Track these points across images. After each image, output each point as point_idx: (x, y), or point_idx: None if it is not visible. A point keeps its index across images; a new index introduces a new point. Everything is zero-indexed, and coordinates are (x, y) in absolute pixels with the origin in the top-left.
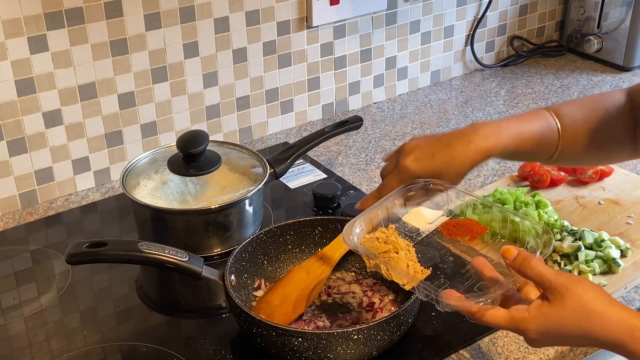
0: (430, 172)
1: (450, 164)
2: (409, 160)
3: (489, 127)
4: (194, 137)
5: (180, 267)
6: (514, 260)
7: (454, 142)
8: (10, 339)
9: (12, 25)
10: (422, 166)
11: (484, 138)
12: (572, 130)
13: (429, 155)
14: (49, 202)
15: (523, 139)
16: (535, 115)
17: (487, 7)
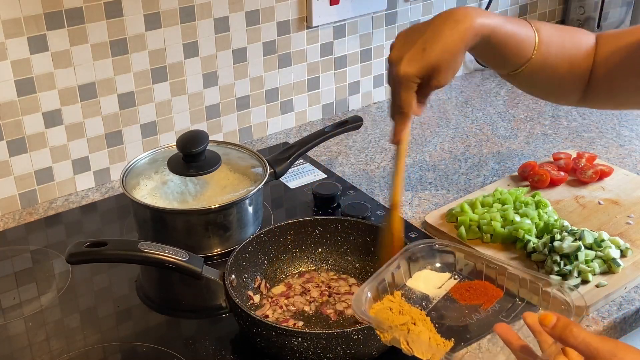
0: (427, 68)
1: (444, 51)
2: (403, 67)
3: (477, 10)
4: (194, 137)
5: (180, 267)
6: (554, 328)
7: (441, 26)
8: (10, 339)
9: (12, 25)
10: (417, 66)
11: (470, 15)
12: (546, 53)
13: (420, 51)
14: (49, 202)
15: (507, 32)
16: (518, 20)
17: (487, 7)
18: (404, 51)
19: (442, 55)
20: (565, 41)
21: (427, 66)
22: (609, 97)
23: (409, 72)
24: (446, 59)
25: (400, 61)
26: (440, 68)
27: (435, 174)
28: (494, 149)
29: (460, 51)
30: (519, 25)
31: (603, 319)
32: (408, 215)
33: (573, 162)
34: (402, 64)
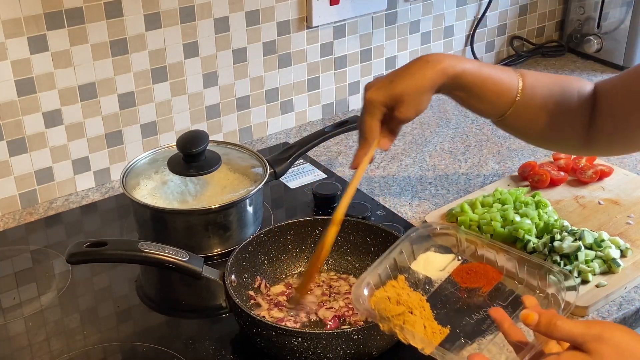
0: (391, 97)
1: (409, 84)
2: (369, 93)
3: (453, 55)
4: (194, 137)
5: (180, 267)
6: (538, 325)
7: (411, 65)
8: (10, 339)
9: (12, 25)
10: (382, 94)
11: (442, 58)
12: (531, 96)
13: (388, 82)
14: (49, 202)
15: (482, 75)
16: (500, 67)
17: (487, 7)
18: (375, 82)
19: (407, 88)
20: (553, 84)
21: (391, 95)
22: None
23: (373, 98)
24: (410, 92)
25: (370, 89)
26: (404, 99)
27: (435, 174)
28: (494, 149)
29: (425, 87)
30: (500, 71)
31: (603, 319)
32: (408, 215)
33: (573, 162)
34: (370, 90)
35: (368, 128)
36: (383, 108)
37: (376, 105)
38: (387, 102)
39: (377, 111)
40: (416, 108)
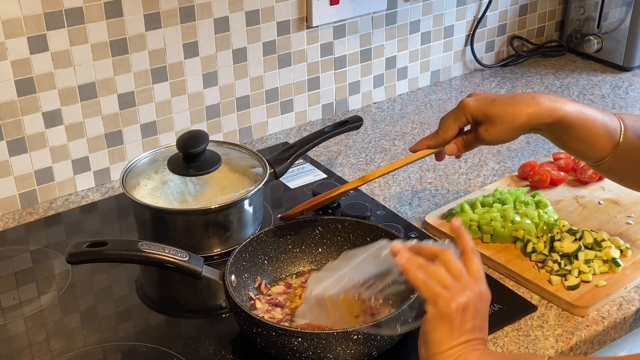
0: (485, 113)
1: (508, 110)
2: (467, 99)
3: (554, 95)
4: (194, 137)
5: (180, 267)
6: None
7: (518, 95)
8: (10, 339)
9: (12, 25)
10: (478, 105)
11: (548, 99)
12: (633, 139)
13: (490, 99)
14: (49, 202)
15: (585, 118)
16: (600, 109)
17: (487, 7)
18: (479, 94)
19: (505, 113)
20: None
21: (485, 111)
22: None
23: (468, 104)
24: (505, 117)
25: (471, 96)
26: (495, 121)
27: (435, 174)
28: (494, 149)
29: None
30: (599, 112)
31: (603, 319)
32: (408, 215)
33: (573, 162)
34: (469, 97)
35: (446, 126)
36: (470, 118)
37: (466, 112)
38: (478, 115)
39: (464, 117)
40: (502, 136)
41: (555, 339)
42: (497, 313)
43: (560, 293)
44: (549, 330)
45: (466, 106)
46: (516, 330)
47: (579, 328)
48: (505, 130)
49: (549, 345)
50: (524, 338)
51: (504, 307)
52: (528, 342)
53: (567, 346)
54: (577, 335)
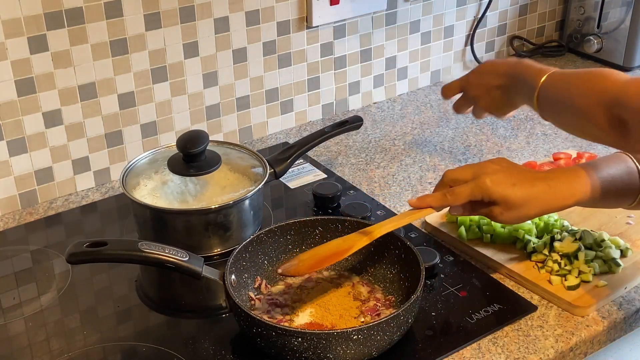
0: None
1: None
2: (489, 180)
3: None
4: (194, 137)
5: (180, 267)
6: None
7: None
8: (10, 339)
9: (12, 25)
10: (498, 191)
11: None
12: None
13: (509, 184)
14: (49, 202)
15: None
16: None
17: (487, 7)
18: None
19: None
20: None
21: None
22: None
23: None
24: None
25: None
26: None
27: (435, 174)
28: (494, 149)
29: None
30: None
31: (603, 319)
32: None
33: (573, 162)
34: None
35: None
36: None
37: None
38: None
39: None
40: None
41: (555, 339)
42: (497, 313)
43: (560, 293)
44: (549, 330)
45: (485, 188)
46: (516, 330)
47: (579, 328)
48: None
49: (549, 345)
50: (524, 338)
51: (504, 307)
52: (528, 342)
53: (567, 346)
54: (577, 335)
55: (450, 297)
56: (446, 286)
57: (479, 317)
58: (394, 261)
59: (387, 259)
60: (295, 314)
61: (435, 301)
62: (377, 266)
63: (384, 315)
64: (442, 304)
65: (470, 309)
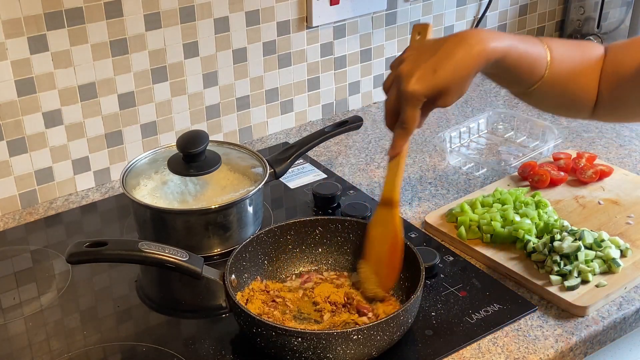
0: (436, 89)
1: (455, 75)
2: (411, 85)
3: (490, 33)
4: (194, 137)
5: (180, 267)
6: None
7: (454, 50)
8: (10, 339)
9: (12, 25)
10: (426, 87)
11: (483, 39)
12: (557, 72)
13: (431, 72)
14: (49, 202)
15: (520, 54)
16: (531, 39)
17: (487, 7)
18: (414, 68)
19: (453, 79)
20: (576, 57)
21: (436, 87)
22: (614, 109)
23: (417, 91)
24: (456, 82)
25: (410, 78)
26: (449, 91)
27: (435, 174)
28: (493, 149)
29: (470, 75)
30: (531, 45)
31: (603, 319)
32: (408, 215)
33: (573, 162)
34: (411, 81)
35: (410, 118)
36: (425, 98)
37: (419, 97)
38: (430, 94)
39: (420, 102)
40: (460, 95)
41: (555, 339)
42: (497, 313)
43: (560, 293)
44: (549, 330)
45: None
46: (516, 330)
47: (578, 328)
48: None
49: (549, 345)
50: (523, 338)
51: (504, 307)
52: (528, 342)
53: (567, 346)
54: (577, 335)
55: (450, 297)
56: (446, 286)
57: (479, 317)
58: None
59: None
60: None
61: (435, 301)
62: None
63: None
64: (442, 304)
65: (470, 309)
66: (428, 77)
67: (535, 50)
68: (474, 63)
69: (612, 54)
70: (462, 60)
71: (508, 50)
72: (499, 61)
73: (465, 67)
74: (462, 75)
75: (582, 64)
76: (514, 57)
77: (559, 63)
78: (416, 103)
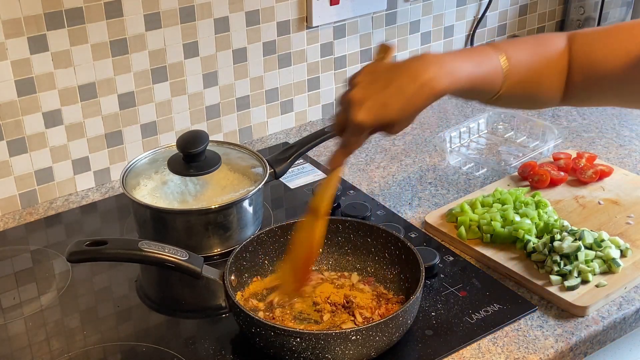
0: (384, 123)
1: (405, 110)
2: (360, 115)
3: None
4: (194, 137)
5: (180, 266)
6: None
7: (406, 85)
8: (10, 339)
9: (12, 25)
10: (374, 119)
11: (439, 79)
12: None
13: (381, 105)
14: (49, 202)
15: (473, 80)
16: (485, 55)
17: (487, 7)
18: (364, 97)
19: (402, 114)
20: (534, 59)
21: (383, 120)
22: (588, 97)
23: (364, 122)
24: (404, 118)
25: (359, 107)
26: (395, 124)
27: (435, 174)
28: (494, 149)
29: (418, 111)
30: (486, 64)
31: (603, 319)
32: (408, 215)
33: (573, 162)
34: (360, 111)
35: (353, 143)
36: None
37: (365, 128)
38: (377, 125)
39: (364, 131)
40: (406, 126)
41: (555, 339)
42: (497, 313)
43: (560, 293)
44: (549, 330)
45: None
46: (516, 330)
47: (578, 328)
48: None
49: (549, 345)
50: (523, 338)
51: (504, 307)
52: (528, 342)
53: (567, 346)
54: (577, 335)
55: (450, 297)
56: (446, 286)
57: (478, 317)
58: (394, 261)
59: (387, 259)
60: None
61: (435, 301)
62: (377, 266)
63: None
64: (442, 304)
65: (470, 309)
66: (376, 110)
67: (490, 68)
68: (424, 102)
69: (583, 44)
70: (412, 99)
71: (461, 80)
72: (454, 92)
73: (414, 105)
74: (410, 112)
75: (541, 63)
76: (468, 84)
77: (517, 71)
78: (361, 132)
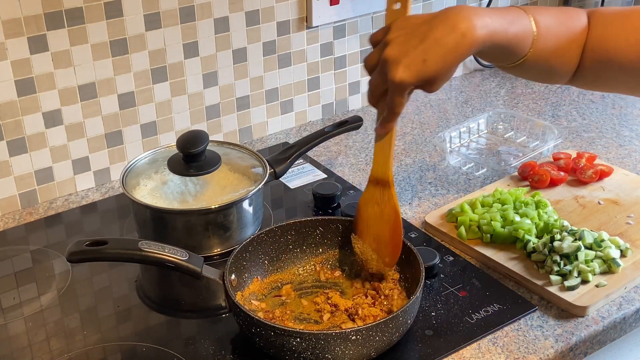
0: (424, 79)
1: (445, 65)
2: (400, 74)
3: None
4: (194, 137)
5: (180, 266)
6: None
7: (445, 36)
8: (10, 339)
9: (12, 25)
10: (415, 76)
11: (479, 29)
12: (543, 42)
13: (420, 61)
14: (49, 202)
15: (508, 35)
16: (517, 15)
17: (487, 7)
18: (401, 54)
19: (442, 68)
20: (561, 31)
21: (424, 77)
22: (594, 81)
23: (405, 80)
24: (445, 71)
25: (398, 65)
26: (437, 80)
27: (435, 174)
28: (494, 149)
29: (459, 63)
30: (518, 23)
31: (603, 319)
32: (408, 215)
33: (573, 162)
34: (399, 69)
35: (398, 105)
36: (412, 87)
37: (407, 87)
38: (418, 83)
39: (407, 90)
40: (446, 81)
41: (555, 339)
42: (497, 313)
43: (560, 293)
44: (549, 330)
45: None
46: (516, 330)
47: (578, 328)
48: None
49: (549, 345)
50: (523, 338)
51: (504, 307)
52: (528, 342)
53: (567, 346)
54: (577, 335)
55: (450, 297)
56: (446, 286)
57: (478, 317)
58: None
59: None
60: None
61: (435, 301)
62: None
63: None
64: (442, 304)
65: (470, 309)
66: (417, 67)
67: (521, 29)
68: (464, 52)
69: (598, 25)
70: (453, 50)
71: (497, 34)
72: (488, 45)
73: (455, 57)
74: (452, 65)
75: (566, 37)
76: (502, 40)
77: (544, 39)
78: (404, 91)
